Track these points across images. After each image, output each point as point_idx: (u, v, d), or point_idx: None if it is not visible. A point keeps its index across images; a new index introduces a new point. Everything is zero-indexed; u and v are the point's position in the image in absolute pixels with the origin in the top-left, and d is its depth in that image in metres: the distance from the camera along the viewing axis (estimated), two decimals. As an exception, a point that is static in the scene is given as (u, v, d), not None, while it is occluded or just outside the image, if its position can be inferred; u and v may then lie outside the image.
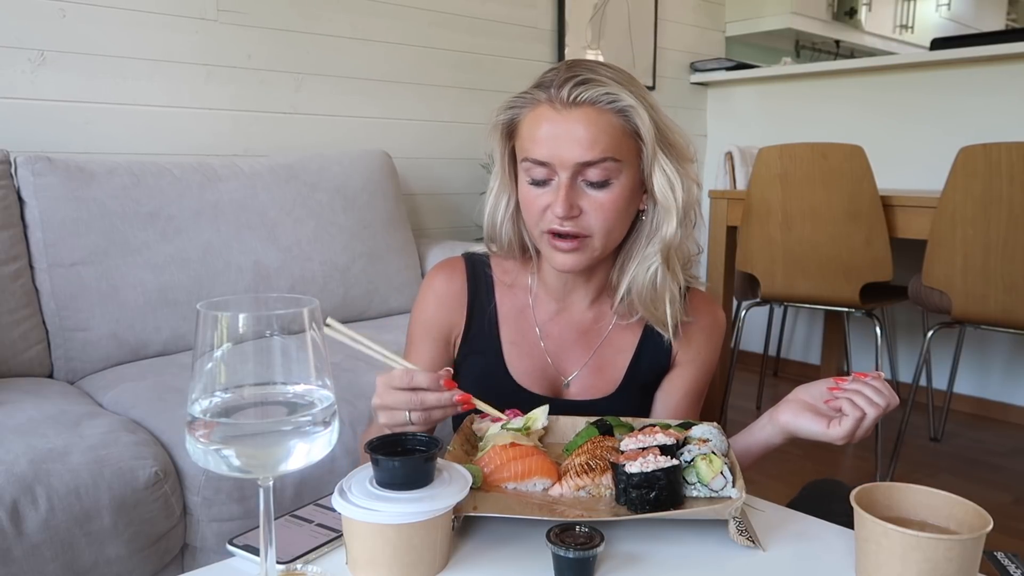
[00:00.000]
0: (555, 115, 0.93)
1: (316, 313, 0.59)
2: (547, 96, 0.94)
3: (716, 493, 0.79)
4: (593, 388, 1.06)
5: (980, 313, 2.16)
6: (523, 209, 1.00)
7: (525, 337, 1.06)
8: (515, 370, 1.05)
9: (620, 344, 1.07)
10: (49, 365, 1.66)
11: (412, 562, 0.68)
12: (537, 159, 0.94)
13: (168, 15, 2.08)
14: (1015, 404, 2.96)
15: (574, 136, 0.92)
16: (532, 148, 0.94)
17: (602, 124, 0.93)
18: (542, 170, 0.94)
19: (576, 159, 0.92)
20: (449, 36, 2.71)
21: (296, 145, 2.33)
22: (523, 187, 0.98)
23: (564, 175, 0.93)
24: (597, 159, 0.92)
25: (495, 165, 1.04)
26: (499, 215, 1.04)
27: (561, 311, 1.08)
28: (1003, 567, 0.72)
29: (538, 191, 0.96)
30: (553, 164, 0.93)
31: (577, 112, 0.92)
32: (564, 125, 0.92)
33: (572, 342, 1.07)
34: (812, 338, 3.51)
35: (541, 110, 0.94)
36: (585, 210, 0.94)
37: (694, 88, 3.68)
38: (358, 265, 2.08)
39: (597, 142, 0.92)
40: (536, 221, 0.97)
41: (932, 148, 2.71)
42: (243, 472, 0.57)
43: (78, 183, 1.70)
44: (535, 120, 0.95)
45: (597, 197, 0.94)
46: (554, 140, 0.93)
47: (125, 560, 1.17)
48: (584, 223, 0.95)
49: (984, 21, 5.35)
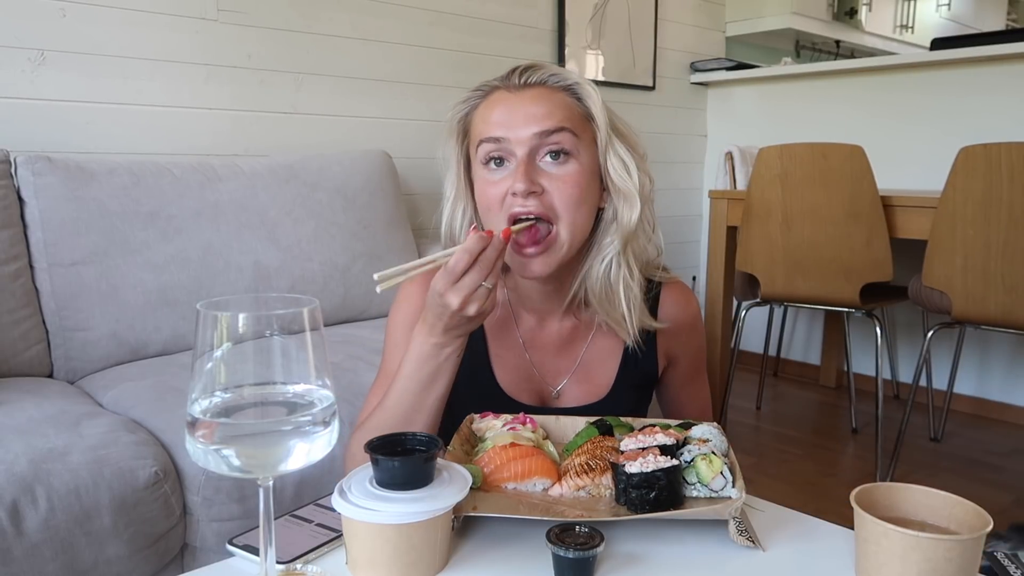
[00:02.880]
0: (509, 95, 0.94)
1: (316, 313, 0.59)
2: (498, 84, 0.96)
3: (716, 493, 0.79)
4: (583, 395, 1.05)
5: (980, 313, 2.16)
6: (483, 207, 0.96)
7: (510, 349, 1.05)
8: (503, 382, 1.04)
9: (606, 349, 1.05)
10: (49, 365, 1.66)
11: (412, 562, 0.68)
12: (493, 136, 0.93)
13: (168, 15, 2.08)
14: (1015, 404, 2.96)
15: (528, 111, 0.92)
16: (486, 129, 0.94)
17: (555, 100, 0.94)
18: (498, 147, 0.93)
19: (533, 130, 0.91)
20: (449, 36, 2.71)
21: (296, 145, 2.33)
22: (480, 184, 0.96)
23: (521, 151, 0.92)
24: (554, 128, 0.92)
25: (449, 172, 1.01)
26: (457, 223, 1.01)
27: (539, 322, 1.06)
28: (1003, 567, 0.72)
29: (495, 177, 0.94)
30: (509, 138, 0.92)
31: (530, 91, 0.94)
32: (518, 102, 0.93)
33: (555, 352, 1.06)
34: (812, 338, 3.51)
35: (494, 95, 0.95)
36: (547, 188, 0.92)
37: (694, 88, 3.68)
38: (358, 265, 2.08)
39: (552, 115, 0.92)
40: (496, 210, 0.94)
41: (932, 148, 2.71)
42: (243, 472, 0.57)
43: (78, 183, 1.70)
44: (489, 105, 0.95)
45: (557, 173, 0.92)
46: (509, 116, 0.93)
47: (125, 560, 1.17)
48: (547, 202, 0.92)
49: (984, 21, 5.35)
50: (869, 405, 2.75)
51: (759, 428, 2.93)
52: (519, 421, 0.91)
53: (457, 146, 1.00)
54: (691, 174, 3.74)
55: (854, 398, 2.94)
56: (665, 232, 1.06)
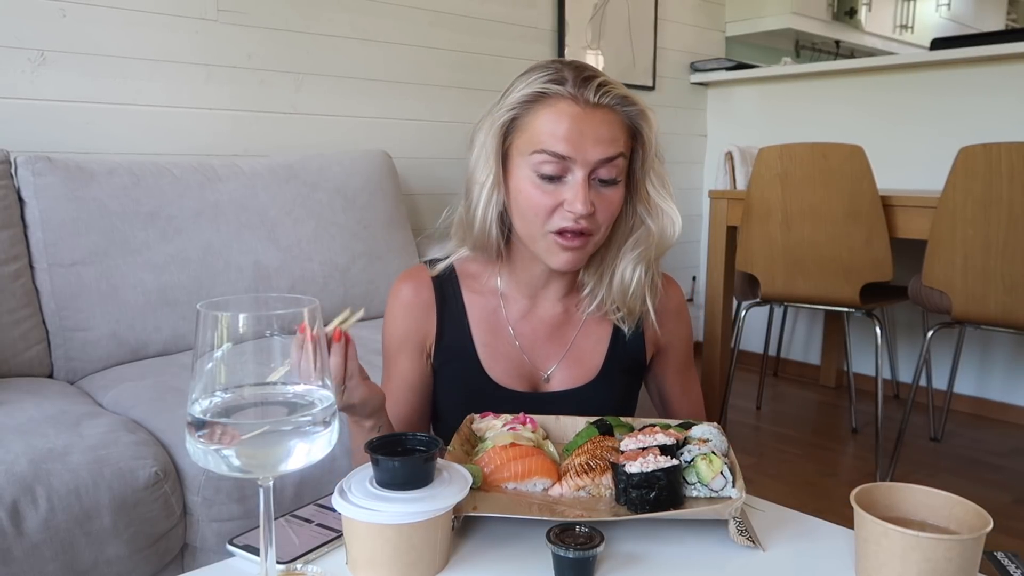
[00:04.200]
0: (580, 112, 0.93)
1: (316, 313, 0.59)
2: (570, 93, 0.94)
3: (716, 493, 0.79)
4: (573, 378, 1.07)
5: (980, 313, 2.16)
6: (523, 207, 0.97)
7: (498, 338, 1.07)
8: (492, 371, 1.05)
9: (595, 334, 1.09)
10: (49, 365, 1.66)
11: (412, 562, 0.68)
12: (558, 152, 0.93)
13: (168, 15, 2.08)
14: (1015, 404, 2.96)
15: (598, 134, 0.93)
16: (552, 142, 0.93)
17: (620, 124, 0.96)
18: (558, 166, 0.94)
19: (599, 156, 0.93)
20: (449, 36, 2.71)
21: (296, 145, 2.33)
22: (525, 184, 0.96)
23: (581, 173, 0.93)
24: (615, 155, 0.95)
25: (482, 160, 1.00)
26: (490, 213, 1.00)
27: (531, 308, 1.08)
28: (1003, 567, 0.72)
29: (547, 188, 0.95)
30: (575, 159, 0.93)
31: (600, 111, 0.94)
32: (589, 123, 0.93)
33: (545, 338, 1.08)
34: (812, 338, 3.51)
35: (563, 106, 0.94)
36: (596, 208, 0.95)
37: (694, 88, 3.68)
38: (358, 265, 2.08)
39: (616, 141, 0.95)
40: (543, 220, 0.95)
41: (932, 148, 2.71)
42: (243, 472, 0.57)
43: (78, 183, 1.70)
44: (556, 115, 0.94)
45: (607, 195, 0.96)
46: (579, 136, 0.93)
47: (125, 560, 1.17)
48: (592, 221, 0.96)
49: (984, 21, 5.35)
50: (869, 405, 2.75)
51: (759, 428, 2.93)
52: (519, 421, 0.91)
53: (500, 136, 0.98)
54: (691, 174, 3.74)
55: (854, 398, 2.94)
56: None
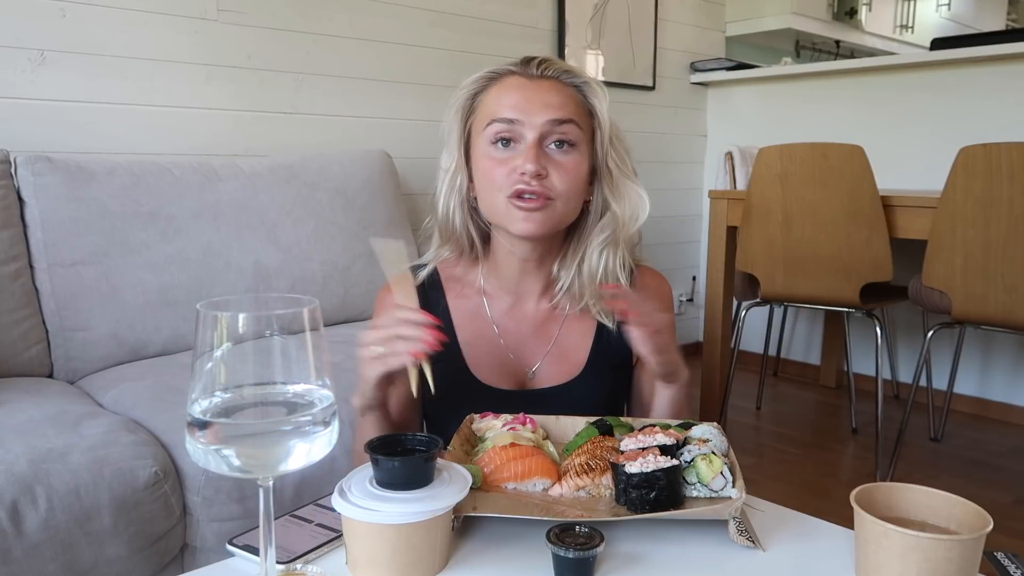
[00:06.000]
0: (526, 82, 1.00)
1: (316, 313, 0.59)
2: (515, 70, 1.02)
3: (716, 493, 0.79)
4: (560, 373, 1.07)
5: (980, 313, 2.16)
6: (485, 183, 1.00)
7: (483, 336, 1.07)
8: (478, 370, 1.06)
9: (578, 330, 1.09)
10: (49, 365, 1.66)
11: (412, 562, 0.68)
12: (507, 117, 0.98)
13: (168, 15, 2.08)
14: (1015, 404, 2.96)
15: (544, 99, 0.98)
16: (500, 110, 0.99)
17: (567, 94, 1.01)
18: (509, 129, 0.98)
19: (547, 117, 0.97)
20: (449, 36, 2.71)
21: (296, 145, 2.33)
22: (484, 157, 1.00)
23: (532, 135, 0.97)
24: (565, 118, 0.98)
25: (449, 145, 1.06)
26: (452, 199, 1.05)
27: (515, 305, 1.09)
28: (1003, 567, 0.72)
29: (502, 155, 0.99)
30: (522, 121, 0.97)
31: (546, 82, 1.00)
32: (535, 90, 0.99)
33: (530, 334, 1.08)
34: (812, 338, 3.51)
35: (510, 79, 1.01)
36: (550, 173, 0.97)
37: (694, 88, 3.68)
38: (358, 265, 2.08)
39: (564, 106, 0.99)
40: (500, 185, 0.98)
41: (932, 148, 2.71)
42: (243, 472, 0.57)
43: (78, 183, 1.70)
44: (504, 88, 1.01)
45: (562, 160, 0.99)
46: (525, 101, 0.98)
47: (125, 560, 1.17)
48: (549, 184, 0.97)
49: (984, 21, 5.35)
50: (869, 405, 2.75)
51: (759, 428, 2.93)
52: (519, 421, 0.91)
53: (461, 121, 1.05)
54: (691, 174, 3.74)
55: (854, 398, 2.94)
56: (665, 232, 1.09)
